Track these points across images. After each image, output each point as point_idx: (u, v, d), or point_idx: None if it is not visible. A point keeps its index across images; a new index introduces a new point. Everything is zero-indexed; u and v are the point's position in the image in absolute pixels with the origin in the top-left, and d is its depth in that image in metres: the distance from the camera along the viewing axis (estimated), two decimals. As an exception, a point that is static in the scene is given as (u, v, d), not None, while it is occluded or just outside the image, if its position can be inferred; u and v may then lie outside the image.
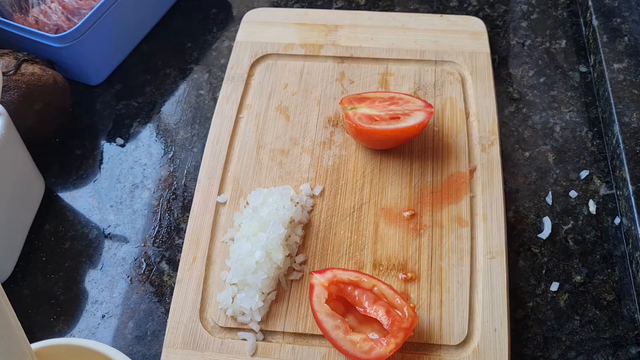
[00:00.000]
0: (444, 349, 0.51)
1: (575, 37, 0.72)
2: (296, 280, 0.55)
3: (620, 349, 0.53)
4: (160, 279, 0.59)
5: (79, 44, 0.66)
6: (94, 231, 0.62)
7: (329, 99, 0.66)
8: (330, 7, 0.78)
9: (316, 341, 0.52)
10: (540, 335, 0.54)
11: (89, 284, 0.59)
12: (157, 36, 0.77)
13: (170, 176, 0.65)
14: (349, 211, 0.58)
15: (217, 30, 0.77)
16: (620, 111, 0.62)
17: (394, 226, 0.57)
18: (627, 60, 0.65)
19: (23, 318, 0.38)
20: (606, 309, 0.55)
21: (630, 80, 0.64)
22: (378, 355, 0.48)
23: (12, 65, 0.62)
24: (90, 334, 0.56)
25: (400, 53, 0.69)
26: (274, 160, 0.62)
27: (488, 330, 0.52)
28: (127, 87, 0.73)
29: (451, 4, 0.77)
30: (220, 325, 0.53)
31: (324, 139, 0.63)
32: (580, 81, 0.69)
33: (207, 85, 0.72)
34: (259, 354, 0.52)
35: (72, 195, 0.65)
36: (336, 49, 0.69)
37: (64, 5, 0.69)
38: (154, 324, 0.56)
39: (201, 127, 0.69)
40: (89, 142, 0.69)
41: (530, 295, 0.56)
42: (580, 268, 0.57)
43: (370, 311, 0.51)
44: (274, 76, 0.68)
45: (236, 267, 0.53)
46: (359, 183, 0.60)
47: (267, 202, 0.57)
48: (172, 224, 0.62)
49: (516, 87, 0.69)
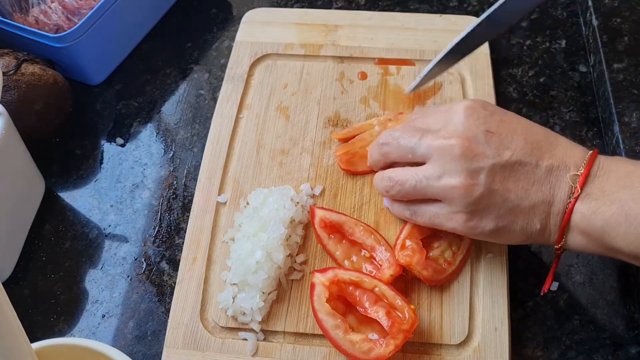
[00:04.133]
0: (444, 348, 0.51)
1: (575, 37, 0.73)
2: (297, 280, 0.55)
3: (620, 349, 0.53)
4: (160, 279, 0.59)
5: (79, 44, 0.66)
6: (94, 231, 0.62)
7: (328, 99, 0.66)
8: (330, 7, 0.78)
9: (317, 341, 0.52)
10: (540, 335, 0.54)
11: (89, 284, 0.59)
12: (157, 36, 0.77)
13: (171, 176, 0.65)
14: (349, 211, 0.58)
15: (217, 30, 0.77)
16: (620, 111, 0.62)
17: (393, 226, 0.57)
18: (627, 60, 0.65)
19: (23, 318, 0.38)
20: (606, 309, 0.55)
21: (630, 80, 0.64)
22: (377, 356, 0.48)
23: (12, 65, 0.62)
24: (91, 334, 0.56)
25: (400, 53, 0.69)
26: (274, 160, 0.62)
27: (489, 330, 0.52)
28: (127, 87, 0.73)
29: (451, 4, 0.77)
30: (221, 326, 0.53)
31: (324, 138, 0.63)
32: (580, 81, 0.69)
33: (207, 85, 0.72)
34: (260, 354, 0.52)
35: (72, 195, 0.65)
36: (336, 49, 0.69)
37: (64, 5, 0.69)
38: (154, 323, 0.56)
39: (201, 127, 0.69)
40: (89, 142, 0.69)
41: (530, 295, 0.56)
42: (580, 268, 0.57)
43: (370, 312, 0.51)
44: (274, 76, 0.68)
45: (237, 267, 0.53)
46: (359, 183, 0.60)
47: (267, 202, 0.57)
48: (172, 223, 0.62)
49: (516, 87, 0.69)
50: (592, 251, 0.47)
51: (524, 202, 0.47)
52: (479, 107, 0.50)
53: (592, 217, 0.45)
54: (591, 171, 0.46)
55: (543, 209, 0.47)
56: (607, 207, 0.44)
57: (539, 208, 0.47)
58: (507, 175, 0.47)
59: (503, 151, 0.47)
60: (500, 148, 0.47)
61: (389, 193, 0.53)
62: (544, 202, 0.47)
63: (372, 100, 0.65)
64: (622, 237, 0.43)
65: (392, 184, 0.52)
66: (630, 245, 0.43)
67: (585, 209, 0.45)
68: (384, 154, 0.54)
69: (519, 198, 0.47)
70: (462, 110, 0.50)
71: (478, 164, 0.47)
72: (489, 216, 0.48)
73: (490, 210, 0.48)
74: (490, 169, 0.47)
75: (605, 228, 0.44)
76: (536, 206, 0.47)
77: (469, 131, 0.48)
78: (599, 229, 0.44)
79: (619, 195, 0.44)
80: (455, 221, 0.49)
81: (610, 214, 0.44)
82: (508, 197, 0.47)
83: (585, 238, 0.46)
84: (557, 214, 0.47)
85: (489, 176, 0.47)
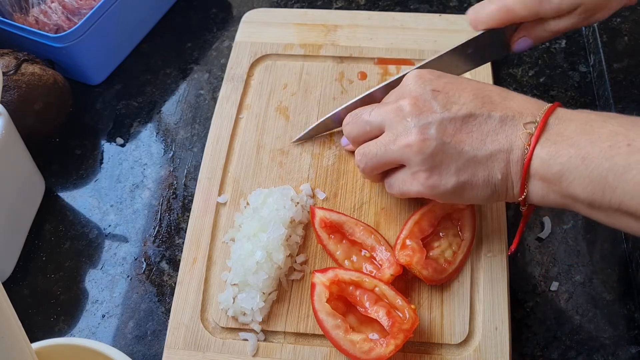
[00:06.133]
0: (445, 347, 0.51)
1: (575, 37, 0.73)
2: (297, 280, 0.55)
3: (620, 349, 0.53)
4: (160, 279, 0.59)
5: (79, 44, 0.66)
6: (94, 231, 0.62)
7: (328, 99, 0.66)
8: (330, 7, 0.78)
9: (317, 341, 0.52)
10: (540, 335, 0.54)
11: (89, 284, 0.59)
12: (157, 36, 0.77)
13: (171, 176, 0.65)
14: (349, 211, 0.58)
15: (217, 30, 0.77)
16: (620, 111, 0.62)
17: (394, 226, 0.57)
18: (627, 60, 0.65)
19: (23, 318, 0.38)
20: (606, 309, 0.55)
21: (630, 80, 0.64)
22: (377, 356, 0.48)
23: (12, 65, 0.62)
24: (91, 334, 0.56)
25: (399, 53, 0.69)
26: (274, 161, 0.62)
27: (489, 329, 0.52)
28: (127, 87, 0.73)
29: (451, 4, 0.77)
30: (221, 326, 0.53)
31: (324, 139, 0.63)
32: (580, 81, 0.69)
33: (207, 85, 0.72)
34: (260, 354, 0.52)
35: (72, 195, 0.65)
36: (335, 49, 0.69)
37: (64, 5, 0.69)
38: (154, 323, 0.56)
39: (201, 127, 0.69)
40: (89, 142, 0.69)
41: (530, 295, 0.56)
42: (580, 268, 0.57)
43: (370, 311, 0.51)
44: (274, 76, 0.68)
45: (237, 268, 0.53)
46: (359, 183, 0.60)
47: (267, 203, 0.57)
48: (172, 223, 0.62)
49: (516, 87, 0.69)
50: (554, 201, 0.46)
51: (479, 152, 0.47)
52: (426, 73, 0.51)
53: (551, 161, 0.44)
54: (549, 120, 0.46)
55: (502, 158, 0.47)
56: (565, 150, 0.44)
57: (497, 157, 0.47)
58: (459, 128, 0.48)
59: (451, 106, 0.48)
60: (448, 104, 0.48)
61: (362, 168, 0.54)
62: (501, 150, 0.47)
63: (372, 100, 0.65)
64: (579, 182, 0.43)
65: (360, 157, 0.53)
66: (585, 190, 0.43)
67: (544, 153, 0.45)
68: (348, 133, 0.55)
69: (474, 149, 0.47)
70: (409, 76, 0.52)
71: (427, 119, 0.48)
72: (448, 171, 0.48)
73: (447, 164, 0.48)
74: (440, 123, 0.48)
75: (563, 172, 0.44)
76: (493, 155, 0.47)
77: (415, 92, 0.50)
78: (557, 174, 0.44)
79: (577, 140, 0.44)
80: (418, 182, 0.49)
81: (568, 157, 0.43)
82: (462, 148, 0.47)
83: (545, 184, 0.46)
84: (517, 162, 0.46)
85: (439, 130, 0.48)
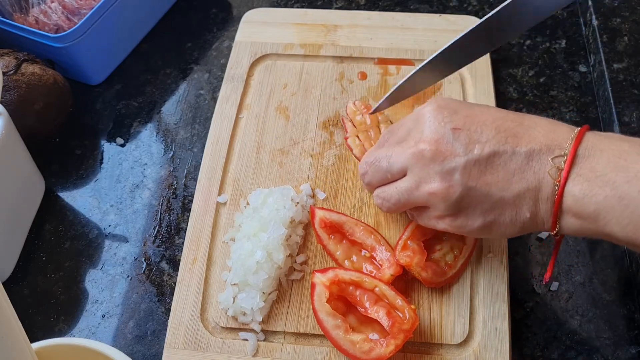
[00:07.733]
0: (445, 348, 0.51)
1: (575, 37, 0.73)
2: (297, 280, 0.55)
3: (620, 349, 0.53)
4: (160, 279, 0.59)
5: (79, 44, 0.66)
6: (94, 231, 0.62)
7: (328, 99, 0.66)
8: (330, 7, 0.78)
9: (317, 341, 0.52)
10: (540, 335, 0.54)
11: (89, 284, 0.59)
12: (157, 36, 0.77)
13: (170, 176, 0.65)
14: (349, 211, 0.58)
15: (217, 30, 0.77)
16: (620, 111, 0.62)
17: (394, 226, 0.57)
18: (627, 60, 0.65)
19: (23, 318, 0.38)
20: (606, 309, 0.55)
21: (630, 80, 0.64)
22: (377, 356, 0.48)
23: (12, 65, 0.62)
24: (91, 334, 0.56)
25: (399, 53, 0.69)
26: (274, 161, 0.62)
27: (489, 330, 0.52)
28: (127, 87, 0.73)
29: (451, 4, 0.77)
30: (221, 326, 0.53)
31: (324, 139, 0.63)
32: (580, 81, 0.69)
33: (207, 85, 0.72)
34: (260, 354, 0.52)
35: (72, 195, 0.65)
36: (335, 49, 0.69)
37: (64, 5, 0.69)
38: (154, 323, 0.56)
39: (201, 127, 0.69)
40: (89, 142, 0.69)
41: (530, 295, 0.56)
42: (580, 268, 0.57)
43: (371, 312, 0.51)
44: (274, 76, 0.68)
45: (237, 268, 0.53)
46: (359, 183, 0.60)
47: (267, 202, 0.57)
48: (172, 223, 0.62)
49: (516, 87, 0.69)
50: (590, 234, 0.45)
51: (506, 193, 0.45)
52: (443, 107, 0.49)
53: (585, 200, 0.42)
54: (578, 151, 0.43)
55: (530, 197, 0.45)
56: (600, 189, 0.42)
57: (525, 196, 0.45)
58: (484, 170, 0.46)
59: (474, 145, 0.46)
60: (470, 144, 0.46)
61: (383, 209, 0.53)
62: (529, 189, 0.45)
63: (372, 100, 0.65)
64: (616, 222, 0.41)
65: (381, 201, 0.52)
66: (624, 230, 0.41)
67: (577, 191, 0.43)
68: (367, 183, 0.54)
69: (501, 190, 0.45)
70: (426, 113, 0.49)
71: (450, 164, 0.46)
72: (474, 213, 0.47)
73: (473, 208, 0.46)
74: (464, 167, 0.46)
75: (599, 211, 0.42)
76: (521, 195, 0.45)
77: (435, 133, 0.47)
78: (593, 213, 0.42)
79: (612, 177, 0.41)
80: (444, 223, 0.48)
81: (604, 197, 0.41)
82: (489, 190, 0.46)
83: (580, 221, 0.44)
84: (547, 200, 0.45)
85: (463, 175, 0.46)
